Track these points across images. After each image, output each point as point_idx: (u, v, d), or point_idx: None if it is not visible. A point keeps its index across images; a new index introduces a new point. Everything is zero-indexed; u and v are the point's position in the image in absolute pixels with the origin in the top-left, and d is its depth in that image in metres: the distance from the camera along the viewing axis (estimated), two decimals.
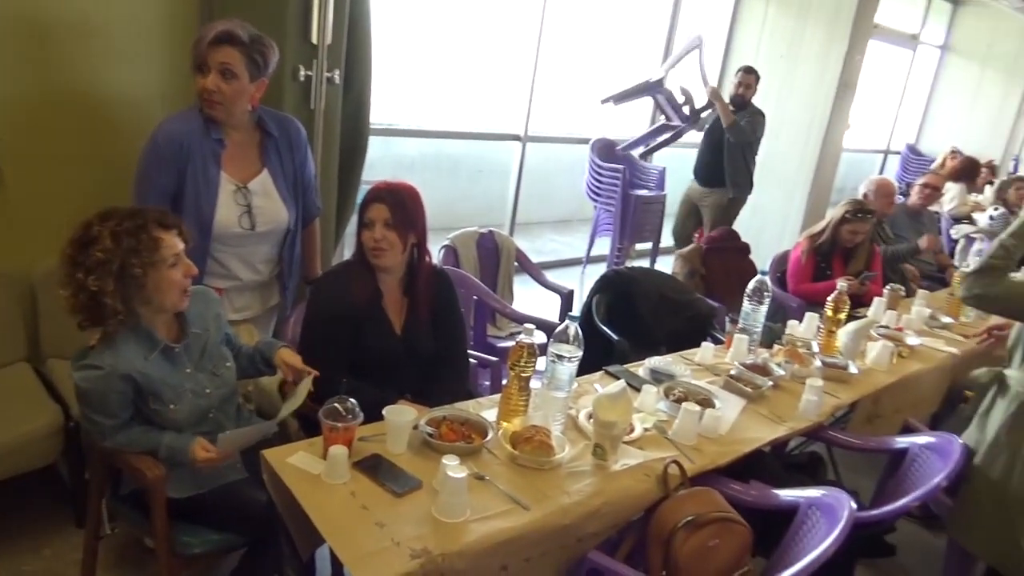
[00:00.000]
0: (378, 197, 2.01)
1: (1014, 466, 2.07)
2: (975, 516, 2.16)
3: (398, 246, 2.01)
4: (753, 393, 2.27)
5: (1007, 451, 2.09)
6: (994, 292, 1.99)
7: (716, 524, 1.67)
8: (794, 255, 3.81)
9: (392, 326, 2.10)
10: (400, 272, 2.11)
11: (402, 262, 2.08)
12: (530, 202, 6.35)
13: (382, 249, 2.00)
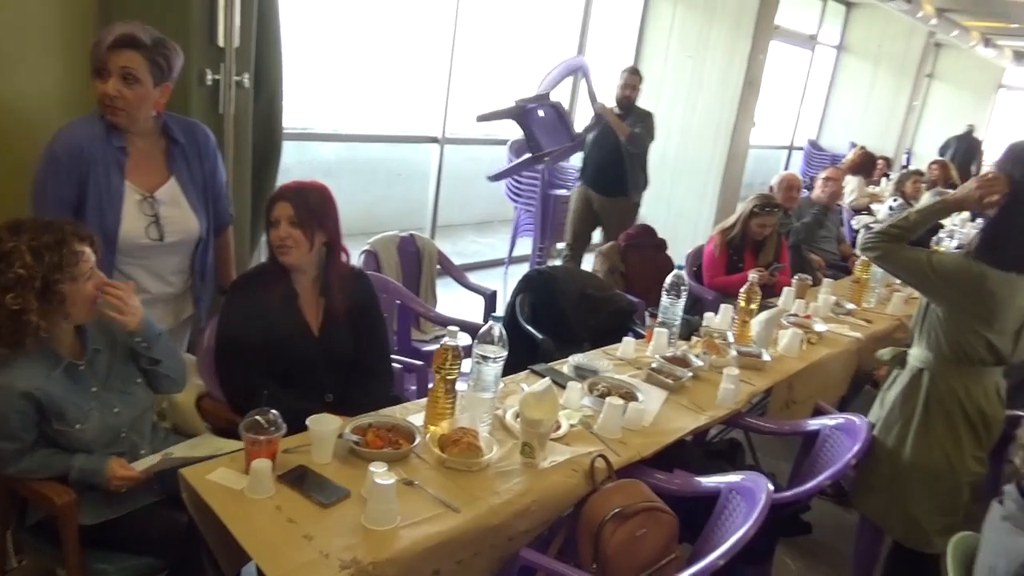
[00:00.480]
0: (282, 196, 2.01)
1: (907, 435, 2.22)
2: (873, 485, 2.31)
3: (304, 244, 1.99)
4: (674, 385, 2.34)
5: (901, 421, 2.24)
6: (889, 256, 2.19)
7: (643, 514, 1.71)
8: (708, 249, 3.93)
9: (309, 327, 2.07)
10: (313, 272, 2.08)
11: (313, 261, 2.06)
12: (451, 204, 6.34)
13: (287, 247, 1.99)
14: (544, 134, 4.36)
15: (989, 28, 10.16)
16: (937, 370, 2.18)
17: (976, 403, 2.16)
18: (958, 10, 8.85)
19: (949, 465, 2.18)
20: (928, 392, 2.20)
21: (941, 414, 2.18)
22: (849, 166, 7.10)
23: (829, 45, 9.67)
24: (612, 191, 4.92)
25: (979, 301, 2.05)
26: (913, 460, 2.21)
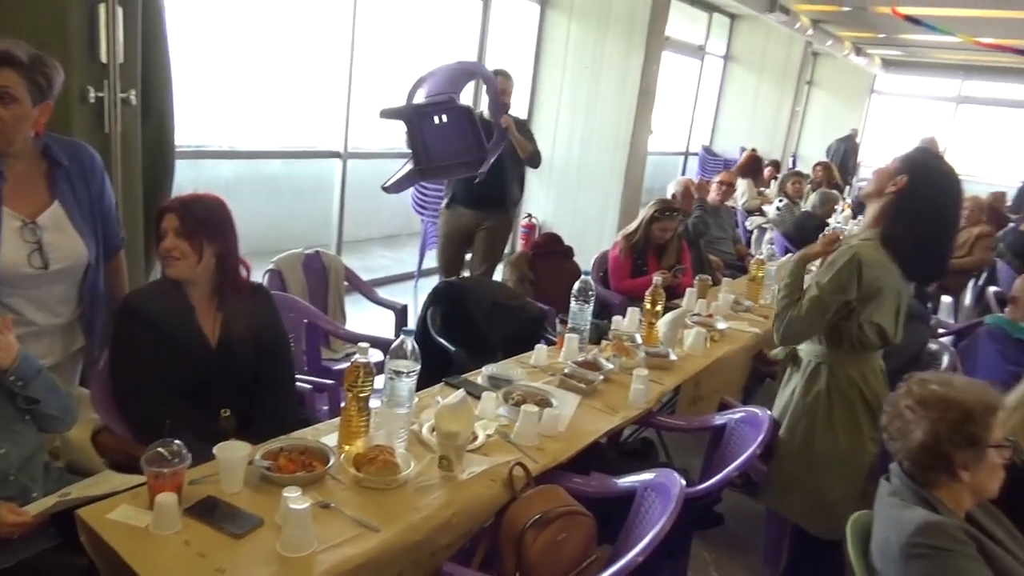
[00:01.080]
0: (168, 208, 1.98)
1: (813, 429, 2.31)
2: (788, 486, 2.38)
3: (191, 256, 1.94)
4: (586, 389, 2.38)
5: (805, 417, 2.33)
6: (798, 325, 2.21)
7: (563, 518, 1.73)
8: (613, 254, 4.03)
9: (206, 340, 2.00)
10: (207, 285, 2.02)
11: (204, 274, 2.00)
12: (356, 219, 6.25)
13: (173, 258, 1.94)
14: (437, 144, 3.72)
15: (859, 38, 10.89)
16: (835, 361, 2.27)
17: (872, 387, 2.28)
18: (831, 21, 9.45)
19: (853, 451, 2.29)
20: (828, 384, 2.28)
21: (842, 403, 2.27)
22: (739, 169, 7.45)
23: (716, 55, 10.11)
24: (491, 206, 4.36)
25: (865, 291, 2.14)
26: (822, 451, 2.29)
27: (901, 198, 2.11)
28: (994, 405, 1.60)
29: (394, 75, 7.05)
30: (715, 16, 9.47)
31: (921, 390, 1.61)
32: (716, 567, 2.75)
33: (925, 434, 1.55)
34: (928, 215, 2.10)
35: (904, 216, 2.11)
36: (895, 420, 1.63)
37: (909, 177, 2.10)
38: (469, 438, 1.86)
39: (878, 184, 2.16)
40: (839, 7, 8.34)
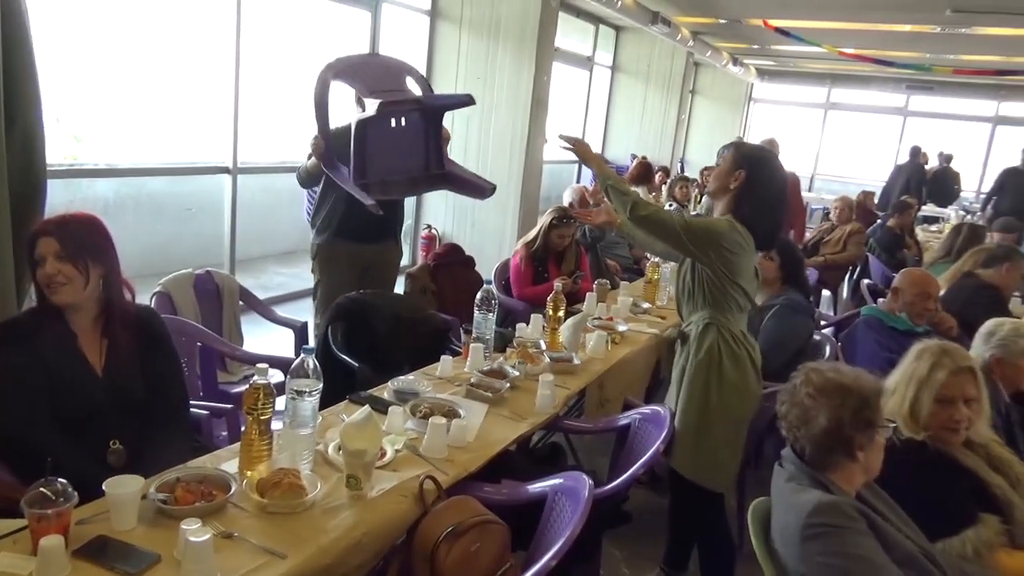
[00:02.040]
0: (43, 231, 1.84)
1: (710, 384, 2.44)
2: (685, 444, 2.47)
3: (78, 279, 1.83)
4: (494, 397, 2.39)
5: (701, 373, 2.44)
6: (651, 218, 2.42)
7: (475, 529, 1.72)
8: (514, 263, 4.07)
9: (92, 369, 1.88)
10: (94, 310, 1.91)
11: (92, 298, 1.88)
12: (249, 237, 6.04)
13: (58, 284, 1.82)
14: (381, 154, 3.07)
15: (736, 49, 11.49)
16: (721, 321, 2.45)
17: (749, 344, 2.50)
18: (709, 33, 9.92)
19: (744, 406, 2.48)
20: (718, 341, 2.44)
21: (732, 359, 2.44)
22: (631, 176, 7.68)
23: (604, 65, 10.41)
24: (385, 238, 3.68)
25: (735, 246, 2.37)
26: (719, 407, 2.43)
27: (744, 188, 2.41)
28: (881, 390, 1.75)
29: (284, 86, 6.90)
30: (601, 28, 9.76)
31: (819, 379, 1.70)
32: (626, 563, 2.82)
33: (828, 420, 1.65)
34: (768, 196, 2.44)
35: (750, 200, 2.41)
36: (794, 409, 1.72)
37: (746, 171, 2.41)
38: (377, 455, 1.83)
39: (721, 182, 2.46)
40: (716, 20, 8.77)
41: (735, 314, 2.48)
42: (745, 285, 2.46)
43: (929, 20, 7.45)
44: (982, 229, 5.44)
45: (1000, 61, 9.92)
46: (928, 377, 1.99)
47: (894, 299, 3.20)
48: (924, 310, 3.15)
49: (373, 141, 3.10)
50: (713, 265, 2.40)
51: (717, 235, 2.37)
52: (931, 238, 7.48)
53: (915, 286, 3.16)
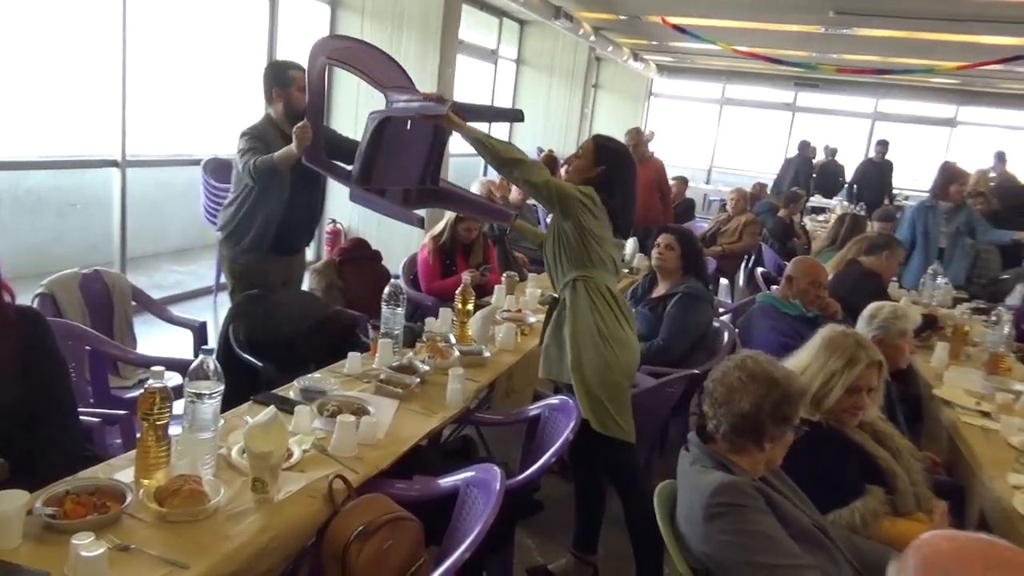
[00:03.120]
0: None
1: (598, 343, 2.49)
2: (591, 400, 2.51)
3: None
4: (404, 393, 2.37)
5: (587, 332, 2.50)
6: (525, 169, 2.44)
7: (387, 526, 1.70)
8: (421, 257, 4.04)
9: None
10: None
11: None
12: (142, 234, 5.76)
13: None
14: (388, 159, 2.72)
15: (636, 44, 11.76)
16: (587, 277, 2.52)
17: (623, 301, 2.61)
18: (610, 29, 10.11)
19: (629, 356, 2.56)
20: (588, 294, 2.51)
21: (606, 311, 2.52)
22: None
23: (509, 59, 10.45)
24: (299, 247, 3.57)
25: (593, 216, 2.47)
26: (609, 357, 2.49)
27: (603, 182, 2.52)
28: (804, 391, 1.83)
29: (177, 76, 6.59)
30: (505, 21, 9.78)
31: (754, 365, 1.76)
32: (539, 551, 2.86)
33: (750, 405, 1.71)
34: (625, 194, 2.57)
35: (610, 192, 2.52)
36: (721, 387, 1.78)
37: (607, 168, 2.53)
38: (283, 456, 1.78)
39: (583, 176, 2.55)
40: (616, 16, 8.95)
41: (603, 272, 2.55)
42: (609, 249, 2.55)
43: (814, 21, 7.85)
44: (863, 219, 5.80)
45: (879, 61, 10.58)
46: (844, 369, 2.10)
47: (787, 286, 3.37)
48: (815, 297, 3.33)
49: (386, 142, 2.68)
50: (576, 220, 2.46)
51: (580, 193, 2.45)
52: (818, 227, 7.91)
53: (807, 274, 3.33)
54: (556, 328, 2.61)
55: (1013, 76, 10.79)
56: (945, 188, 5.11)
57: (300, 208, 3.29)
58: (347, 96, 6.27)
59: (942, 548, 1.01)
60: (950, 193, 5.10)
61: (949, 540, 1.01)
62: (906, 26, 7.51)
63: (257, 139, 3.13)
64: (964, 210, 5.20)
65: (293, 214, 3.24)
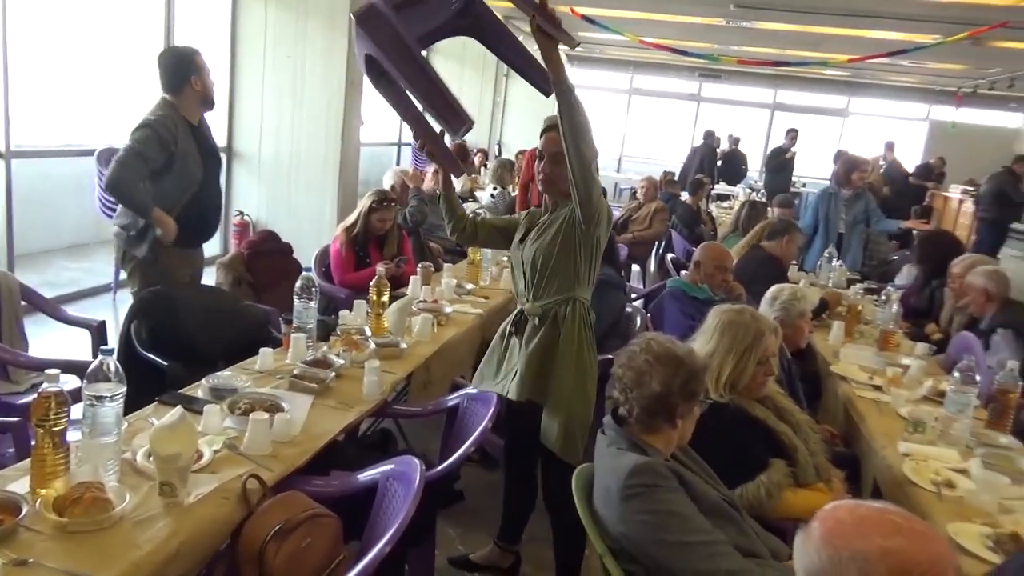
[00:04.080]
0: None
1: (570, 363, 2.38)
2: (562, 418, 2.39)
3: None
4: (318, 388, 2.32)
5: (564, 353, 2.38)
6: None
7: (305, 524, 1.67)
8: (334, 249, 3.97)
9: None
10: None
11: None
12: (30, 230, 5.42)
13: None
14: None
15: None
16: (585, 298, 2.43)
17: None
18: (520, 18, 10.14)
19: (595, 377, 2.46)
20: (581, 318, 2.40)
21: (591, 333, 2.45)
22: None
23: None
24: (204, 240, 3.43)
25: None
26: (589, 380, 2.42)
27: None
28: (707, 367, 1.91)
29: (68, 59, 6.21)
30: None
31: (658, 347, 1.82)
32: (461, 541, 2.87)
33: (660, 386, 1.76)
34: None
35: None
36: (630, 372, 1.82)
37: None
38: (193, 457, 1.72)
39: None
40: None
41: (588, 289, 2.46)
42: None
43: (716, 13, 8.12)
44: (764, 205, 6.05)
45: (776, 53, 11.02)
46: (753, 345, 2.20)
47: (696, 271, 3.49)
48: (721, 281, 3.46)
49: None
50: (598, 236, 2.35)
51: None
52: (723, 214, 8.20)
53: (713, 259, 3.46)
54: (544, 348, 2.41)
55: (898, 69, 11.48)
56: (847, 176, 5.38)
57: (205, 201, 3.22)
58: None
59: (842, 519, 1.10)
60: (852, 180, 5.37)
61: (849, 511, 1.11)
62: (800, 20, 7.86)
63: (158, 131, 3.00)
64: (863, 199, 5.49)
65: (197, 206, 3.16)
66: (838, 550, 1.06)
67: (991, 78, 11.00)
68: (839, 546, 1.06)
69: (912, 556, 1.03)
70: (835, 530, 1.09)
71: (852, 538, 1.06)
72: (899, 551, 1.03)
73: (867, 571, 1.03)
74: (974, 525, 1.89)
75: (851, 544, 1.06)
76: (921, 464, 2.23)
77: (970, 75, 11.39)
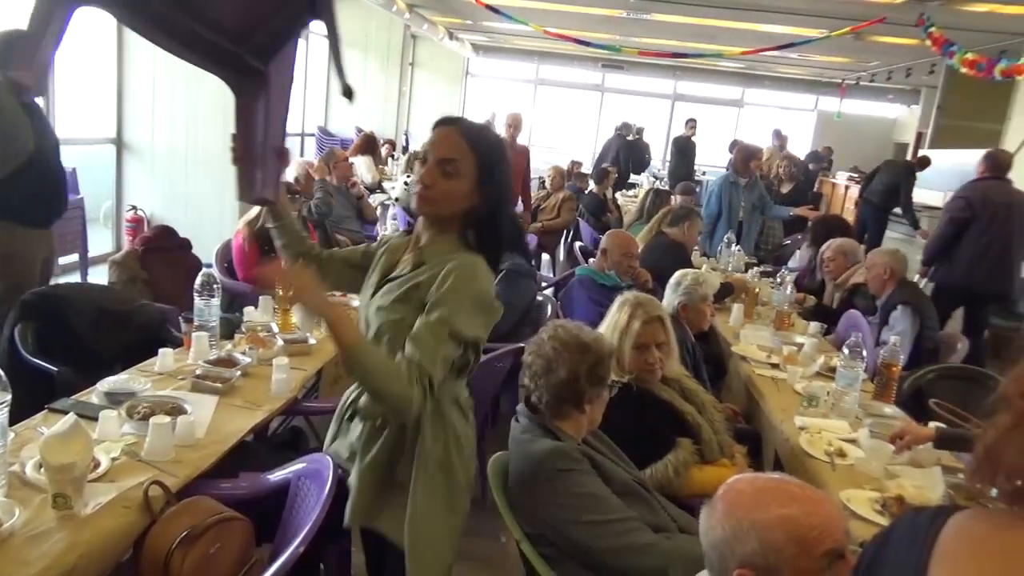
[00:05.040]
0: None
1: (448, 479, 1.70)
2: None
3: None
4: (223, 388, 2.25)
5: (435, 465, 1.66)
6: None
7: (213, 529, 1.62)
8: (236, 243, 3.83)
9: None
10: None
11: None
12: None
13: None
14: None
15: (451, 23, 11.78)
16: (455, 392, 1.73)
17: None
18: (425, 6, 10.05)
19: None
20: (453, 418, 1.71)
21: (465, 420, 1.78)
22: (355, 149, 7.61)
23: (321, 35, 10.08)
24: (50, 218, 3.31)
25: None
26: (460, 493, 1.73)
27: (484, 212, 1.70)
28: (613, 351, 1.94)
29: None
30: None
31: (565, 335, 1.84)
32: None
33: (567, 372, 1.79)
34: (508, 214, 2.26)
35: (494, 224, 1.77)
36: (539, 359, 1.84)
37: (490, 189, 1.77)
38: (88, 466, 1.63)
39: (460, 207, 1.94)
40: None
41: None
42: None
43: (617, 5, 8.29)
44: (666, 193, 6.24)
45: (675, 45, 11.35)
46: (627, 328, 2.27)
47: (603, 259, 3.56)
48: (628, 267, 3.55)
49: None
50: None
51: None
52: (628, 202, 8.40)
53: (619, 247, 3.55)
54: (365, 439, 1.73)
55: (788, 62, 12.04)
56: (745, 164, 5.62)
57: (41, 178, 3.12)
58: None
59: (742, 491, 1.19)
60: (750, 168, 5.63)
61: (749, 483, 1.20)
62: (696, 13, 8.13)
63: None
64: (758, 187, 5.77)
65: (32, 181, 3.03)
66: (740, 520, 1.14)
67: (871, 71, 11.72)
68: (740, 516, 1.15)
69: (806, 520, 1.12)
70: (736, 502, 1.17)
71: (751, 508, 1.15)
72: (794, 517, 1.13)
73: (766, 538, 1.12)
74: (864, 491, 2.02)
75: (751, 514, 1.14)
76: (815, 436, 2.37)
77: (853, 68, 12.09)
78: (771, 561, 1.12)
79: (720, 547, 1.16)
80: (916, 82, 11.35)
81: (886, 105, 14.38)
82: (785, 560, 1.11)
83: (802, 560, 1.11)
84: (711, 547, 1.18)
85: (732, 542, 1.14)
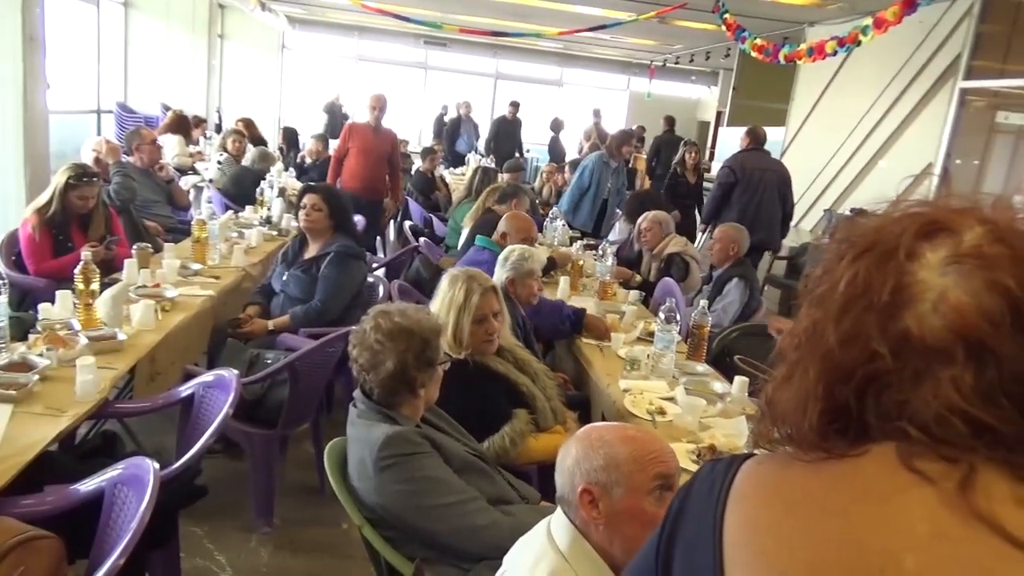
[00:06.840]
0: None
1: None
2: None
3: None
4: (18, 395, 2.03)
5: None
6: None
7: (15, 552, 1.46)
8: (25, 234, 3.44)
9: None
10: None
11: None
12: None
13: None
14: None
15: None
16: None
17: None
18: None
19: None
20: None
21: None
22: (165, 128, 7.06)
23: (116, 2, 9.20)
24: None
25: None
26: None
27: None
28: (440, 329, 1.92)
29: None
30: None
31: (387, 323, 1.80)
32: (209, 538, 2.70)
33: (395, 364, 1.76)
34: None
35: None
36: (365, 352, 1.80)
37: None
38: None
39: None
40: None
41: None
42: None
43: None
44: (493, 171, 6.35)
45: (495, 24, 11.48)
46: (466, 302, 2.28)
47: (503, 242, 3.59)
48: None
49: None
50: None
51: None
52: (456, 181, 8.45)
53: (521, 231, 3.62)
54: None
55: (603, 43, 12.60)
56: (618, 148, 6.03)
57: None
58: None
59: (592, 427, 1.44)
60: (622, 153, 6.07)
61: (597, 428, 1.44)
62: None
63: None
64: (623, 173, 6.22)
65: None
66: (592, 442, 1.35)
67: (676, 53, 12.54)
68: (592, 439, 1.36)
69: (646, 446, 1.36)
70: (586, 433, 1.40)
71: (599, 434, 1.38)
72: (637, 439, 1.37)
73: (610, 453, 1.33)
74: (682, 444, 2.20)
75: (602, 437, 1.36)
76: (638, 397, 2.53)
77: (660, 50, 12.87)
78: (612, 477, 1.30)
79: (572, 469, 1.34)
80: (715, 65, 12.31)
81: (690, 86, 15.46)
82: (624, 475, 1.30)
83: (637, 477, 1.31)
84: (562, 473, 1.36)
85: (582, 460, 1.33)
